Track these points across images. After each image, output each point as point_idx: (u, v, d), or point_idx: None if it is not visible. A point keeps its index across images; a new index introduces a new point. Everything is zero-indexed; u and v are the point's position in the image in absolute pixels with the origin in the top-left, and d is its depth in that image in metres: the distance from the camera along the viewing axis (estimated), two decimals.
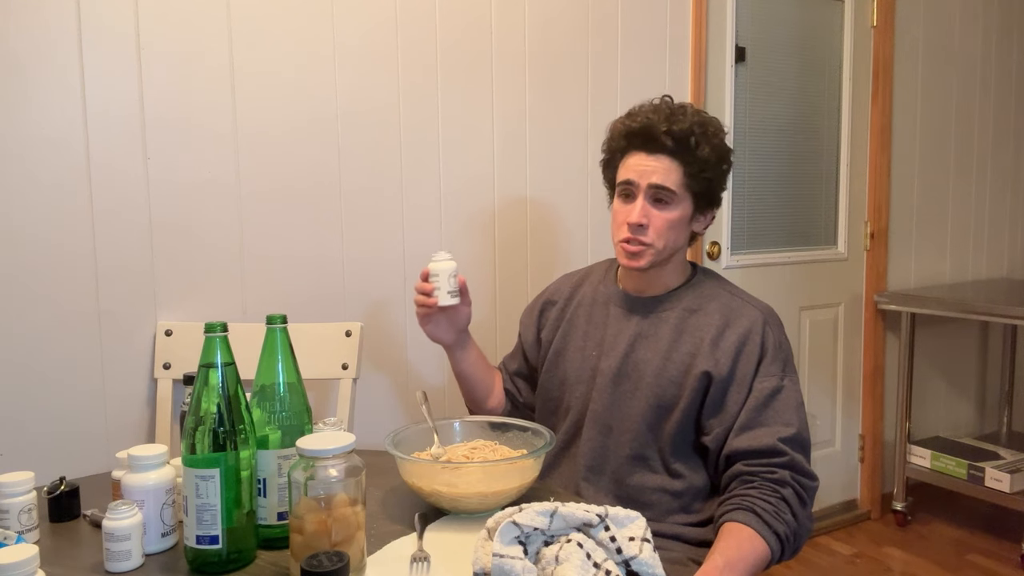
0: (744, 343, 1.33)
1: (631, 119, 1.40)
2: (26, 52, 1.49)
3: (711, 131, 1.38)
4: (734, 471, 1.29)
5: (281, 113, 1.75)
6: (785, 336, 1.39)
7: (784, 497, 1.24)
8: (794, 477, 1.26)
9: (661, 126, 1.35)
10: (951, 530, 2.83)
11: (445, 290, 1.40)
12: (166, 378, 1.63)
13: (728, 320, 1.36)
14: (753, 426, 1.29)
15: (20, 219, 1.51)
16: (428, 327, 1.49)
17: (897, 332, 2.91)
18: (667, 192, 1.36)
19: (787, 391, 1.32)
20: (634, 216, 1.36)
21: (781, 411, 1.30)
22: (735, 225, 2.57)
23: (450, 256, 1.42)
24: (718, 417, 1.33)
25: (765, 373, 1.32)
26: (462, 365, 1.54)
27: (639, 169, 1.37)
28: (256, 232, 1.74)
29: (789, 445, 1.27)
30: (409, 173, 1.92)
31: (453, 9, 1.95)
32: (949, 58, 3.02)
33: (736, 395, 1.32)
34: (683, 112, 1.38)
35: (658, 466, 1.37)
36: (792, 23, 2.64)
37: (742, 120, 2.55)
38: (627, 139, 1.40)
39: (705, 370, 1.33)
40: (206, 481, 0.97)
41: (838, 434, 2.88)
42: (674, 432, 1.35)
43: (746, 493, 1.25)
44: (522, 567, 0.87)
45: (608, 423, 1.40)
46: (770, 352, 1.34)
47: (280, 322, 1.07)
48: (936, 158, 3.02)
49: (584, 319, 1.50)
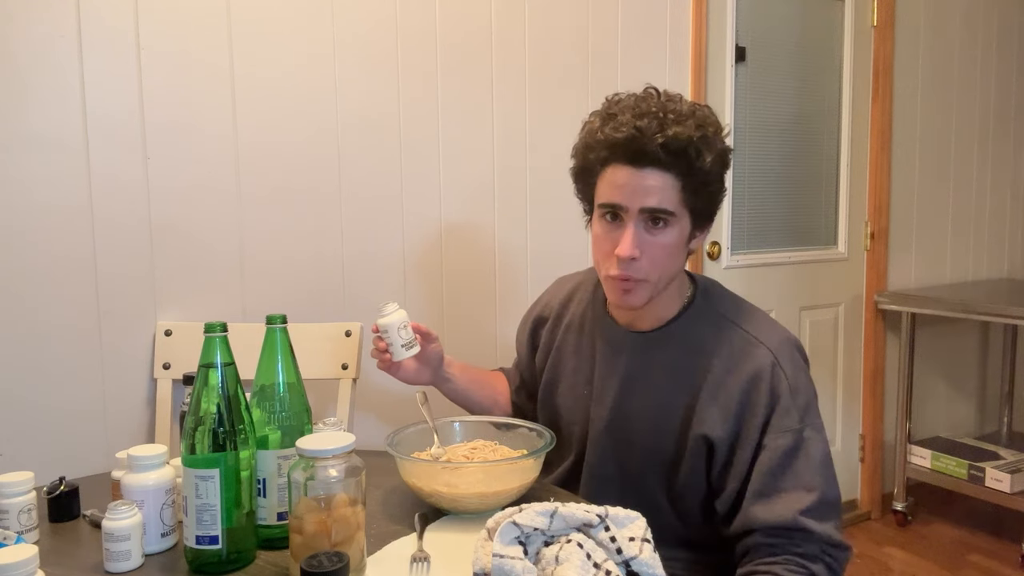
0: (749, 392, 1.13)
1: (614, 125, 1.13)
2: (26, 54, 1.49)
3: (711, 132, 1.13)
4: (752, 541, 1.11)
5: (281, 114, 1.75)
6: (804, 375, 1.17)
7: (815, 573, 1.07)
8: (825, 551, 1.09)
9: (655, 137, 1.08)
10: (951, 530, 2.83)
11: (398, 344, 1.30)
12: (166, 378, 1.63)
13: (730, 363, 1.15)
14: (769, 494, 1.10)
15: (20, 220, 1.51)
16: (399, 375, 1.36)
17: (897, 332, 2.90)
18: (664, 214, 1.12)
19: (808, 446, 1.11)
20: (625, 249, 1.12)
21: (802, 472, 1.10)
22: (735, 225, 2.56)
23: (397, 306, 1.31)
24: (727, 478, 1.15)
25: (779, 428, 1.11)
26: (454, 396, 1.46)
27: (628, 189, 1.11)
28: (256, 232, 1.74)
29: (813, 516, 1.08)
30: (409, 173, 1.92)
31: (453, 10, 1.95)
32: (949, 58, 3.02)
33: (743, 454, 1.13)
34: (677, 112, 1.11)
35: (671, 516, 1.23)
36: (792, 23, 2.64)
37: (742, 120, 2.55)
38: (609, 150, 1.14)
39: (703, 434, 1.15)
40: (206, 481, 0.97)
41: (838, 434, 2.88)
42: (684, 488, 1.20)
43: (771, 571, 1.07)
44: (522, 567, 0.87)
45: (607, 474, 1.27)
46: (783, 400, 1.12)
47: (280, 322, 1.07)
48: (936, 158, 3.02)
49: (572, 350, 1.34)
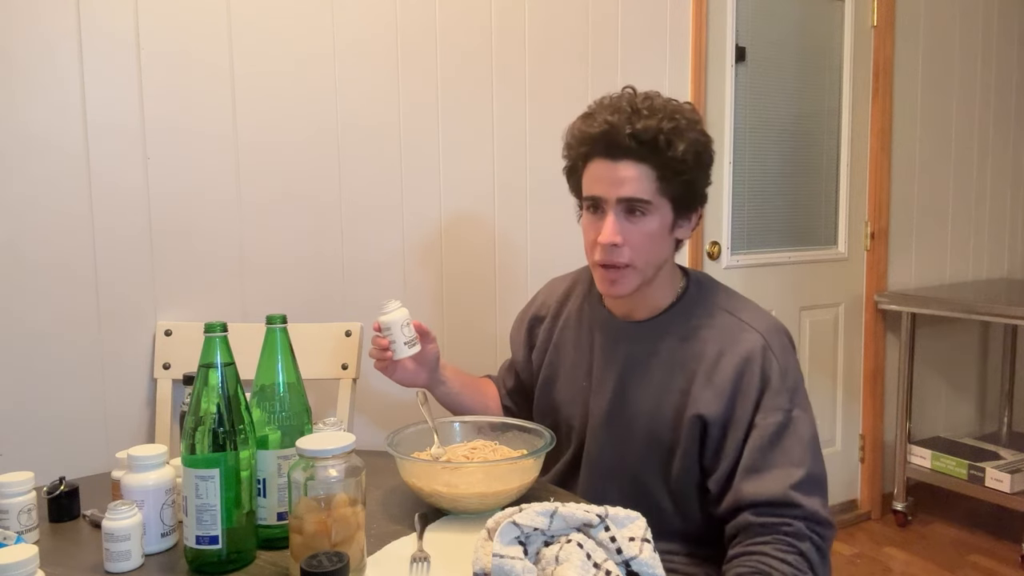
0: (742, 374, 1.19)
1: (589, 122, 1.23)
2: (26, 55, 1.49)
3: (684, 124, 1.19)
4: (743, 521, 1.16)
5: (281, 114, 1.75)
6: (793, 358, 1.24)
7: (803, 552, 1.12)
8: (811, 528, 1.14)
9: (624, 127, 1.18)
10: (951, 530, 2.82)
11: (401, 342, 1.32)
12: (166, 378, 1.63)
13: (723, 348, 1.22)
14: (760, 469, 1.16)
15: (21, 220, 1.51)
16: (396, 376, 1.38)
17: (897, 332, 2.90)
18: (641, 203, 1.19)
19: (796, 425, 1.18)
20: (606, 236, 1.20)
21: (789, 449, 1.16)
22: (735, 225, 2.56)
23: (400, 304, 1.33)
24: (719, 459, 1.20)
25: (769, 407, 1.18)
26: (447, 399, 1.47)
27: (605, 181, 1.21)
28: (256, 232, 1.74)
29: (801, 491, 1.14)
30: (409, 173, 1.92)
31: (454, 12, 1.95)
32: (949, 58, 3.02)
33: (736, 433, 1.19)
34: (649, 106, 1.19)
35: (668, 507, 1.26)
36: (792, 23, 2.64)
37: (742, 120, 2.55)
38: (588, 146, 1.23)
39: (698, 413, 1.20)
40: (206, 481, 0.97)
41: (838, 434, 2.88)
42: (680, 475, 1.24)
43: (761, 551, 1.12)
44: (522, 567, 0.87)
45: (607, 466, 1.31)
46: (773, 382, 1.19)
47: (280, 322, 1.07)
48: (936, 158, 3.02)
49: (571, 344, 1.39)
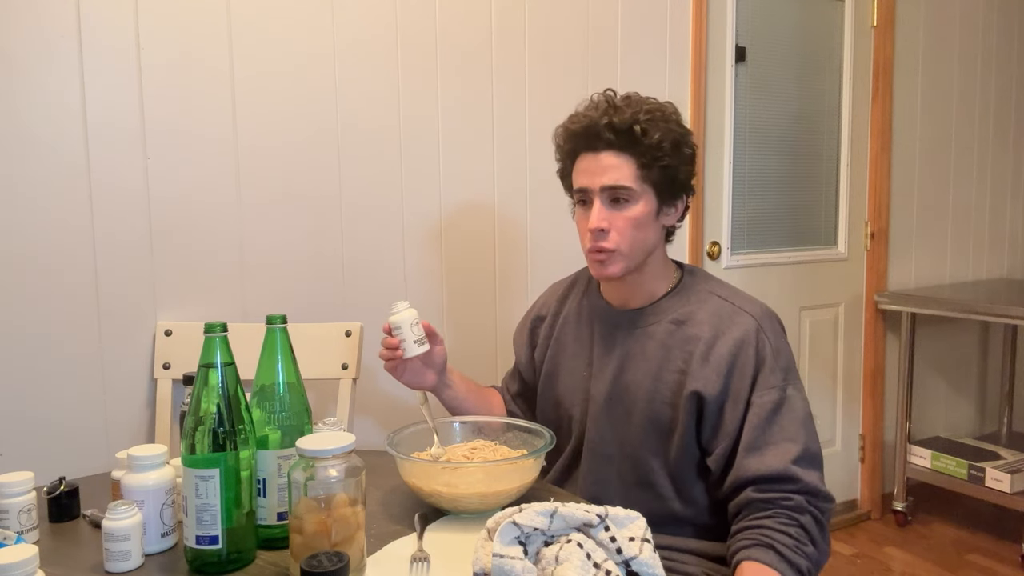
0: (737, 354, 1.24)
1: (572, 121, 1.33)
2: (26, 56, 1.49)
3: (660, 116, 1.28)
4: (745, 498, 1.20)
5: (281, 114, 1.75)
6: (784, 340, 1.29)
7: (803, 525, 1.16)
8: (811, 502, 1.18)
9: (602, 120, 1.26)
10: (951, 530, 2.83)
11: (411, 340, 1.33)
12: (166, 378, 1.63)
13: (718, 330, 1.26)
14: (760, 446, 1.20)
15: (20, 220, 1.51)
16: (404, 378, 1.39)
17: (897, 332, 2.90)
18: (623, 190, 1.27)
19: (791, 402, 1.23)
20: (593, 221, 1.27)
21: (787, 426, 1.21)
22: (735, 225, 2.56)
23: (408, 304, 1.35)
24: (718, 437, 1.24)
25: (764, 385, 1.23)
26: (452, 403, 1.47)
27: (589, 172, 1.29)
28: (256, 232, 1.74)
29: (801, 465, 1.19)
30: (409, 173, 1.92)
31: (453, 14, 1.95)
32: (949, 58, 3.02)
33: (733, 411, 1.23)
34: (626, 102, 1.29)
35: (668, 491, 1.30)
36: (792, 23, 2.64)
37: (742, 120, 2.55)
38: (572, 142, 1.32)
39: (695, 390, 1.24)
40: (206, 481, 0.97)
41: (838, 434, 2.88)
42: (679, 456, 1.28)
43: (762, 524, 1.16)
44: (522, 567, 0.87)
45: (608, 452, 1.34)
46: (767, 361, 1.24)
47: (280, 322, 1.07)
48: (936, 158, 3.02)
49: (572, 337, 1.43)
